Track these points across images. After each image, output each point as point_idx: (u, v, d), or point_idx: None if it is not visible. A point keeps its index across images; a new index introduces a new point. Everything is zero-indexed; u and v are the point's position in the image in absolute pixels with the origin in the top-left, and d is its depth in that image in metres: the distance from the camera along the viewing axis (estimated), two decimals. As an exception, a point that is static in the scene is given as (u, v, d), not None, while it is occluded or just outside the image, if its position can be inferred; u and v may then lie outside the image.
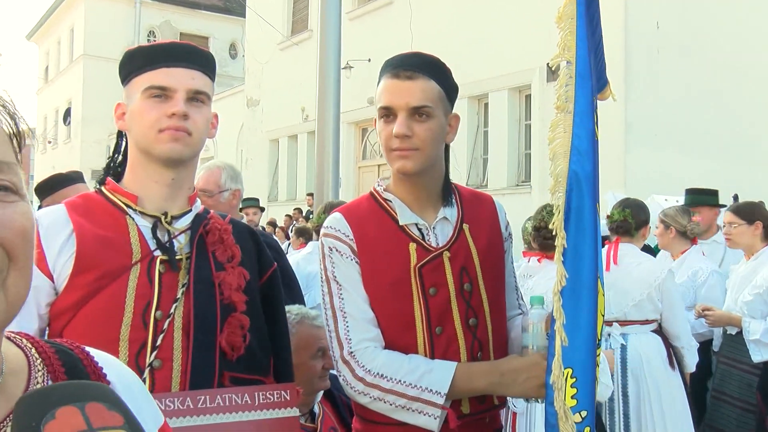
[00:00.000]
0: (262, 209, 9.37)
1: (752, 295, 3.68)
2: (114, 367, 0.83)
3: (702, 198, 4.97)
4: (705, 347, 4.14)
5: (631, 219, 3.76)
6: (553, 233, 1.40)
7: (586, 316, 1.36)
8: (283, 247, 11.41)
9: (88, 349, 0.81)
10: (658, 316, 3.67)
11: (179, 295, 1.45)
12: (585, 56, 1.40)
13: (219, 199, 2.95)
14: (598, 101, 2.03)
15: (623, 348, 3.62)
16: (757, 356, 3.61)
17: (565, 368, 1.36)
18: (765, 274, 3.66)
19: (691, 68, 10.02)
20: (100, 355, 0.82)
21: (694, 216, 4.36)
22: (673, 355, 3.69)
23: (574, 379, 1.36)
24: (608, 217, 3.82)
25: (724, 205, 4.80)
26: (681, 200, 5.19)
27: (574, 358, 1.36)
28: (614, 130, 8.59)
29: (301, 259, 5.24)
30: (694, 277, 4.17)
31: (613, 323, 3.68)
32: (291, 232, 12.08)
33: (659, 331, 3.71)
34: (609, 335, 3.68)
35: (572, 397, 1.35)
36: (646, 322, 3.67)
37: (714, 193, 5.07)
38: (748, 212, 3.89)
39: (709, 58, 10.18)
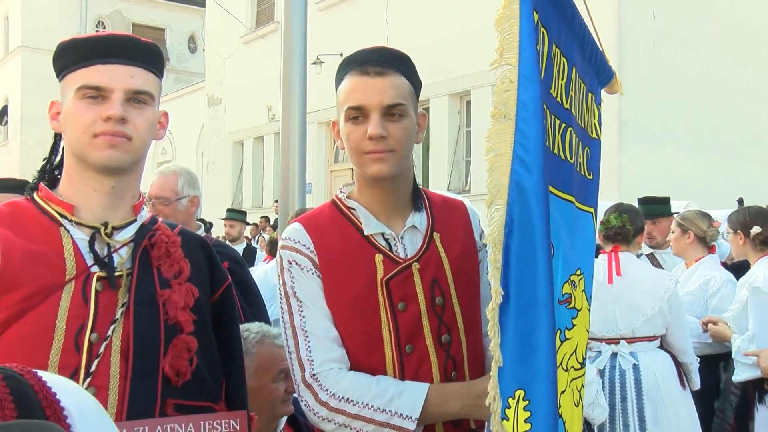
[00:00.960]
0: (247, 224, 9.53)
1: (733, 309, 3.71)
2: (69, 392, 0.83)
3: (660, 208, 4.97)
4: (713, 364, 4.08)
5: (630, 225, 3.75)
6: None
7: (544, 336, 1.37)
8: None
9: (41, 373, 0.82)
10: (664, 331, 3.66)
11: (118, 315, 1.43)
12: (531, 58, 1.40)
13: (176, 206, 2.93)
14: (603, 94, 2.05)
15: (636, 368, 3.57)
16: (737, 376, 3.61)
17: (516, 389, 1.37)
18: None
19: (690, 61, 10.19)
20: (53, 380, 0.82)
21: (714, 222, 4.33)
22: (682, 373, 3.68)
23: (527, 402, 1.36)
24: (603, 223, 3.78)
25: (677, 212, 4.81)
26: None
27: (526, 379, 1.37)
28: (607, 128, 8.68)
29: (269, 268, 5.32)
30: (706, 287, 4.12)
31: (620, 341, 3.63)
32: (257, 242, 12.04)
33: (663, 347, 3.70)
34: (615, 354, 3.63)
35: (525, 421, 1.36)
36: (653, 338, 3.65)
37: (667, 201, 5.07)
38: (733, 220, 3.91)
39: (710, 50, 10.37)
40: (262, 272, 5.47)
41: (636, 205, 5.10)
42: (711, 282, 4.11)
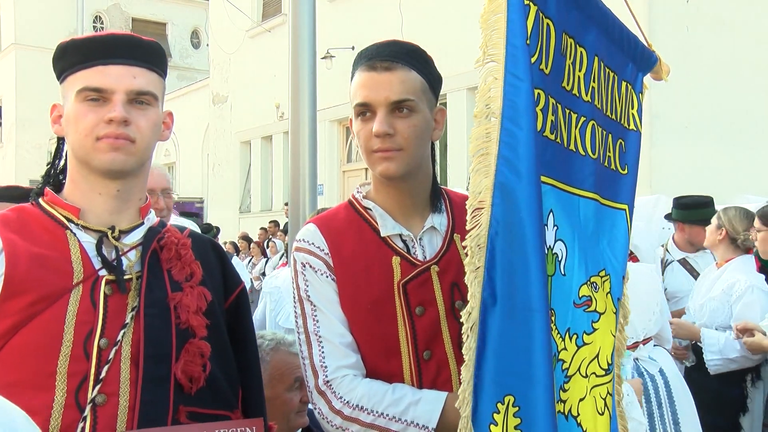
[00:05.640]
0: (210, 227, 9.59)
1: None
2: None
3: (699, 212, 4.85)
4: (739, 377, 3.97)
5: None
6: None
7: (539, 342, 1.39)
8: (259, 266, 11.51)
9: None
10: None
11: (128, 320, 1.47)
12: (520, 55, 1.40)
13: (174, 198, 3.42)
14: (645, 81, 2.06)
15: (662, 372, 3.52)
16: None
17: (505, 395, 1.40)
18: None
19: (727, 46, 10.06)
20: None
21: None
22: None
23: (517, 408, 1.39)
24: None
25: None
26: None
27: (517, 385, 1.39)
28: (638, 121, 8.65)
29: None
30: (730, 291, 3.98)
31: (639, 345, 3.55)
32: (267, 248, 12.12)
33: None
34: (636, 360, 3.57)
35: (516, 428, 1.39)
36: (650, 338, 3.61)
37: (709, 203, 4.92)
38: (763, 215, 3.84)
39: (749, 34, 10.22)
40: (287, 276, 5.48)
41: (671, 203, 5.09)
42: (735, 286, 3.96)
